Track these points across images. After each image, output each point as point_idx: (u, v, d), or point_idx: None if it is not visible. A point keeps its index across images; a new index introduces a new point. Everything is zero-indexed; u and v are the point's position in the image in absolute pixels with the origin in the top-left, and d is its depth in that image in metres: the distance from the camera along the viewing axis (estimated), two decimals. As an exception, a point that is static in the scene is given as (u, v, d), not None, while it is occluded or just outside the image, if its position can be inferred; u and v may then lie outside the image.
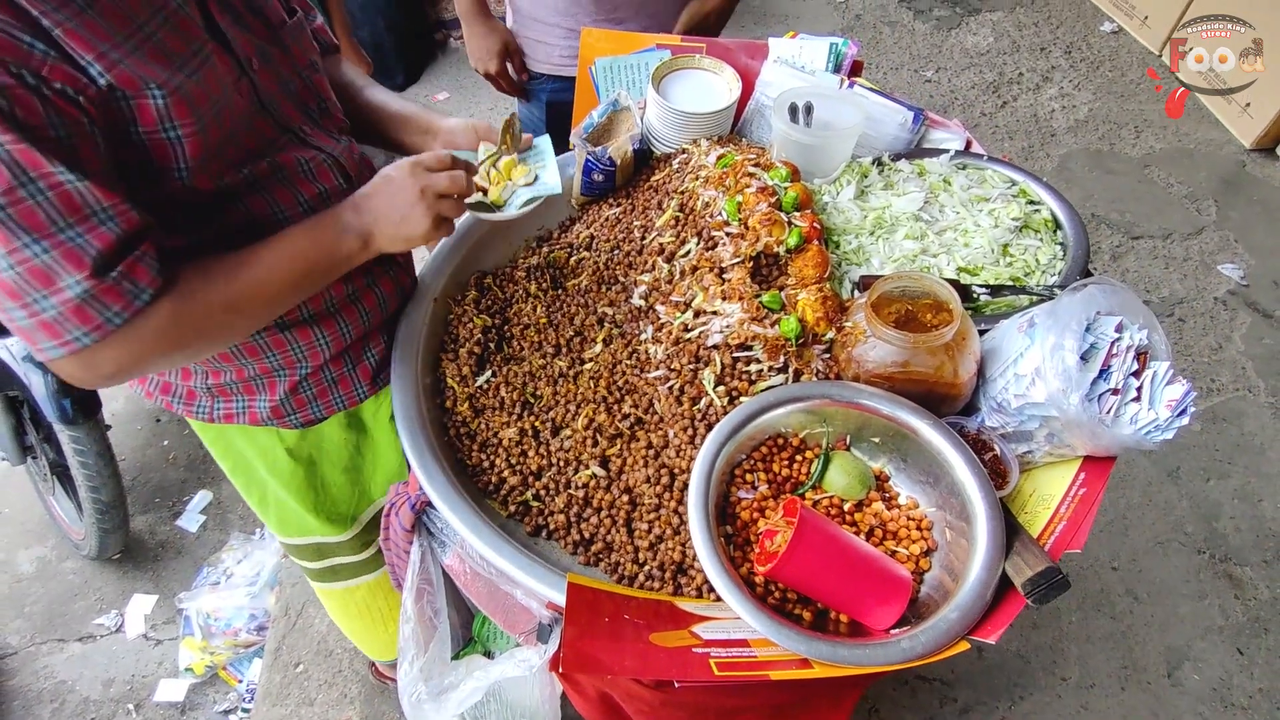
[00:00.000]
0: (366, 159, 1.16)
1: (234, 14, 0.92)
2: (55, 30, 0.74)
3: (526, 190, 1.18)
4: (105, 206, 0.77)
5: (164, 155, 0.84)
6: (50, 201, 0.74)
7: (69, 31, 0.75)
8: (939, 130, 1.39)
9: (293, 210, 1.00)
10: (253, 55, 0.94)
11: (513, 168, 1.20)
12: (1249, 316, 2.78)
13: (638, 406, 1.08)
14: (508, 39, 1.80)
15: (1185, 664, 1.96)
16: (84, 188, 0.76)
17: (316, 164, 1.02)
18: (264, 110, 0.97)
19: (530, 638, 1.01)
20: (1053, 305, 0.95)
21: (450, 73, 4.08)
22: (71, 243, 0.76)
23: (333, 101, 1.11)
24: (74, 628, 2.15)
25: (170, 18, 0.83)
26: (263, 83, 0.96)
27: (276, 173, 0.98)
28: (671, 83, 1.37)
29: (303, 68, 1.03)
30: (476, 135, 1.19)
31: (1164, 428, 0.90)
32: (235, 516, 2.35)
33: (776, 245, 1.11)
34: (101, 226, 0.77)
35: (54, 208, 0.75)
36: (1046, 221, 1.23)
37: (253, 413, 1.15)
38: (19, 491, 2.41)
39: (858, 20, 4.20)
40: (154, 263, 0.82)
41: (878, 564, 0.89)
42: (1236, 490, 2.31)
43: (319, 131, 1.05)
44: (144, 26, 0.80)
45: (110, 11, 0.78)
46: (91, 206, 0.77)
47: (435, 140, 1.19)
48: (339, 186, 1.06)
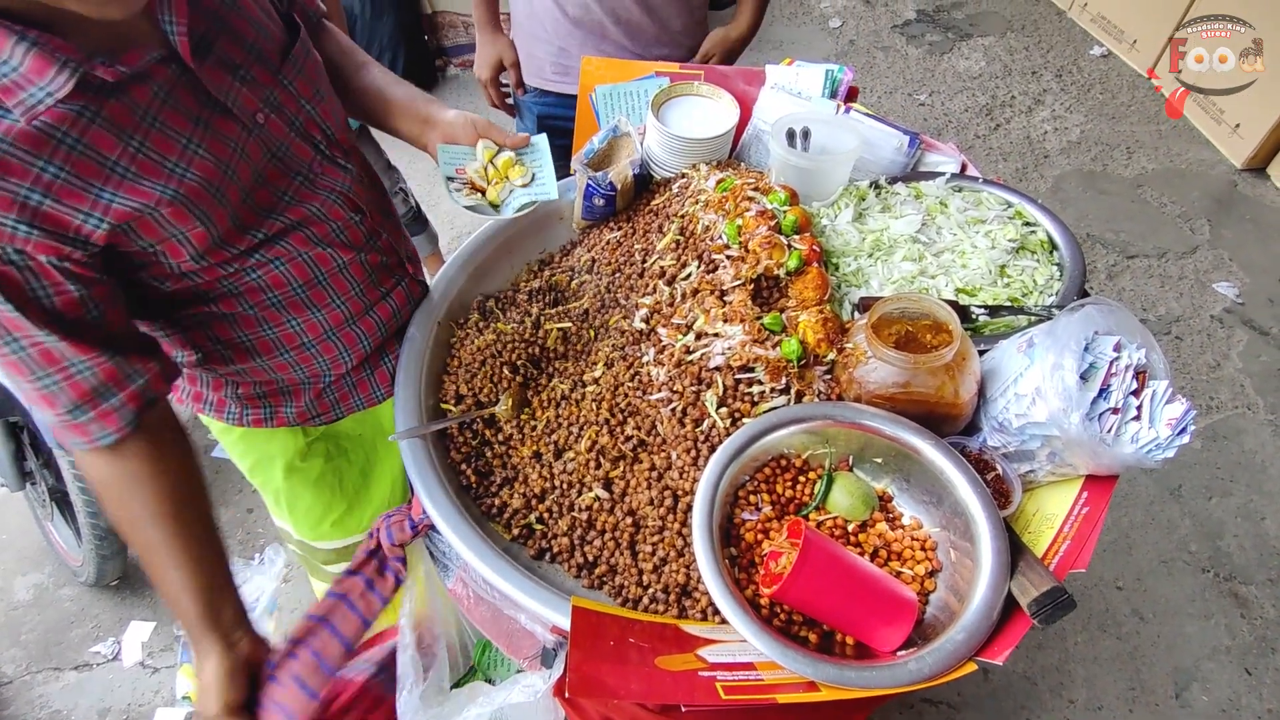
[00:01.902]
0: (375, 176, 1.17)
1: (234, 70, 0.88)
2: (44, 204, 0.75)
3: (524, 192, 1.17)
4: (82, 360, 0.84)
5: (175, 252, 0.89)
6: (31, 357, 0.82)
7: (60, 191, 0.76)
8: (934, 153, 1.41)
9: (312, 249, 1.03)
10: (258, 108, 0.91)
11: (510, 166, 1.19)
12: (1245, 334, 2.79)
13: (640, 429, 1.08)
14: (505, 53, 1.82)
15: (1193, 684, 1.94)
16: (63, 347, 0.82)
17: (327, 206, 1.03)
18: (275, 158, 0.95)
19: (534, 663, 1.01)
20: (1051, 325, 0.96)
21: (451, 98, 4.14)
22: (47, 390, 0.84)
23: (335, 125, 1.06)
24: (70, 656, 2.12)
25: (156, 118, 0.81)
26: (271, 129, 0.93)
27: (290, 225, 0.99)
28: (671, 109, 1.40)
29: (308, 99, 0.99)
30: (475, 131, 1.18)
31: (1165, 446, 0.90)
32: (234, 542, 2.33)
33: (777, 268, 1.12)
34: (77, 376, 0.84)
35: (34, 362, 0.83)
36: (1043, 242, 1.24)
37: (280, 417, 1.20)
38: (17, 518, 2.40)
39: (851, 46, 4.27)
40: (127, 414, 0.89)
41: (883, 585, 0.89)
42: (1239, 508, 2.30)
43: (327, 165, 1.03)
44: (131, 141, 0.79)
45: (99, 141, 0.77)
46: (70, 360, 0.83)
47: (433, 131, 1.18)
48: (349, 220, 1.07)
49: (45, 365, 0.83)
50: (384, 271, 1.17)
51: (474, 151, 1.19)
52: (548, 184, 1.18)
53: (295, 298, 1.05)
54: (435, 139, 1.18)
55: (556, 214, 1.44)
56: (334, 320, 1.11)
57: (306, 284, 1.05)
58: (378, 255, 1.14)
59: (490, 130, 1.19)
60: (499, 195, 1.17)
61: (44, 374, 0.83)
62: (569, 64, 1.73)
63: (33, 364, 0.82)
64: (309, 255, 1.03)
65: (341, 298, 1.10)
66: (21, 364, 0.82)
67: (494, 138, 1.20)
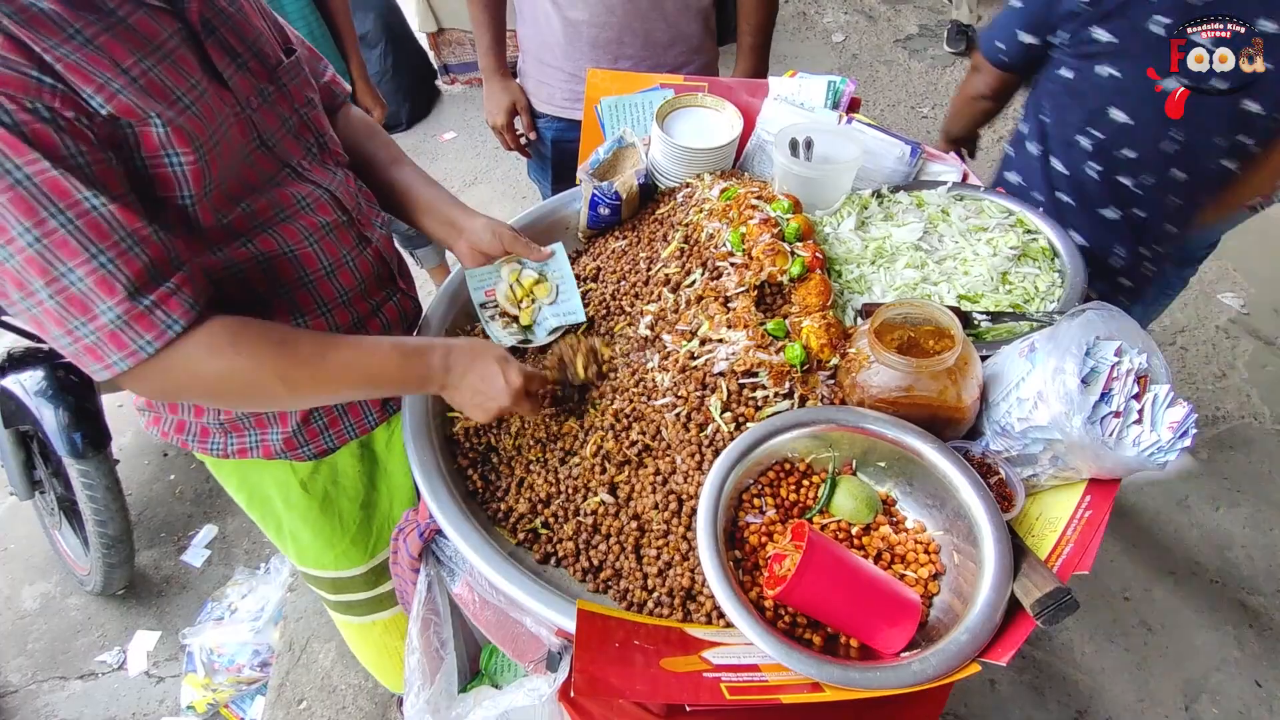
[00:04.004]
0: (366, 191, 1.19)
1: (232, 55, 0.96)
2: (57, 65, 0.78)
3: (552, 312, 1.23)
4: (131, 231, 0.81)
5: (167, 184, 0.87)
6: (80, 229, 0.78)
7: (70, 66, 0.78)
8: (936, 163, 1.43)
9: (299, 245, 1.04)
10: (251, 95, 0.97)
11: (534, 284, 1.25)
12: (1251, 344, 2.79)
13: (645, 434, 1.09)
14: (518, 98, 1.86)
15: (1203, 696, 1.93)
16: (109, 213, 0.79)
17: (314, 199, 1.06)
18: (264, 145, 1.00)
19: (539, 666, 1.01)
20: (1053, 330, 0.97)
21: (457, 113, 4.19)
22: (104, 269, 0.79)
23: (330, 136, 1.13)
24: (76, 665, 2.13)
25: (168, 56, 0.87)
26: (263, 119, 0.99)
27: (277, 210, 1.01)
28: (675, 120, 1.42)
29: (300, 105, 1.06)
30: (500, 242, 1.23)
31: (1166, 449, 0.91)
32: (240, 551, 2.34)
33: (780, 275, 1.13)
34: (130, 253, 0.81)
35: (84, 235, 0.78)
36: (1044, 250, 1.25)
37: (266, 446, 1.17)
38: (25, 527, 2.41)
39: (854, 60, 4.32)
40: (188, 298, 0.85)
41: (887, 587, 0.90)
42: (1247, 518, 2.29)
43: (316, 166, 1.08)
44: (142, 61, 0.84)
45: (111, 46, 0.82)
46: (119, 232, 0.80)
47: (460, 237, 1.22)
48: (338, 219, 1.09)
49: (97, 239, 0.78)
50: (374, 282, 1.17)
51: (499, 271, 1.25)
52: (574, 304, 1.25)
53: (281, 299, 1.05)
54: (462, 246, 1.23)
55: (562, 223, 1.46)
56: (320, 330, 1.09)
57: (292, 285, 1.05)
58: (368, 264, 1.14)
59: (515, 244, 1.24)
60: (532, 318, 1.23)
61: (97, 250, 0.78)
62: (581, 90, 1.76)
63: (84, 239, 0.78)
64: (295, 252, 1.03)
65: (328, 305, 1.10)
66: (72, 240, 0.77)
67: (519, 251, 1.24)
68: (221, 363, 0.87)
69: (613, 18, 1.64)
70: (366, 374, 0.97)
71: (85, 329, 0.81)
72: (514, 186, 3.66)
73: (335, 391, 1.00)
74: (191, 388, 0.91)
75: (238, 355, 0.87)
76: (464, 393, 1.02)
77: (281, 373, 0.91)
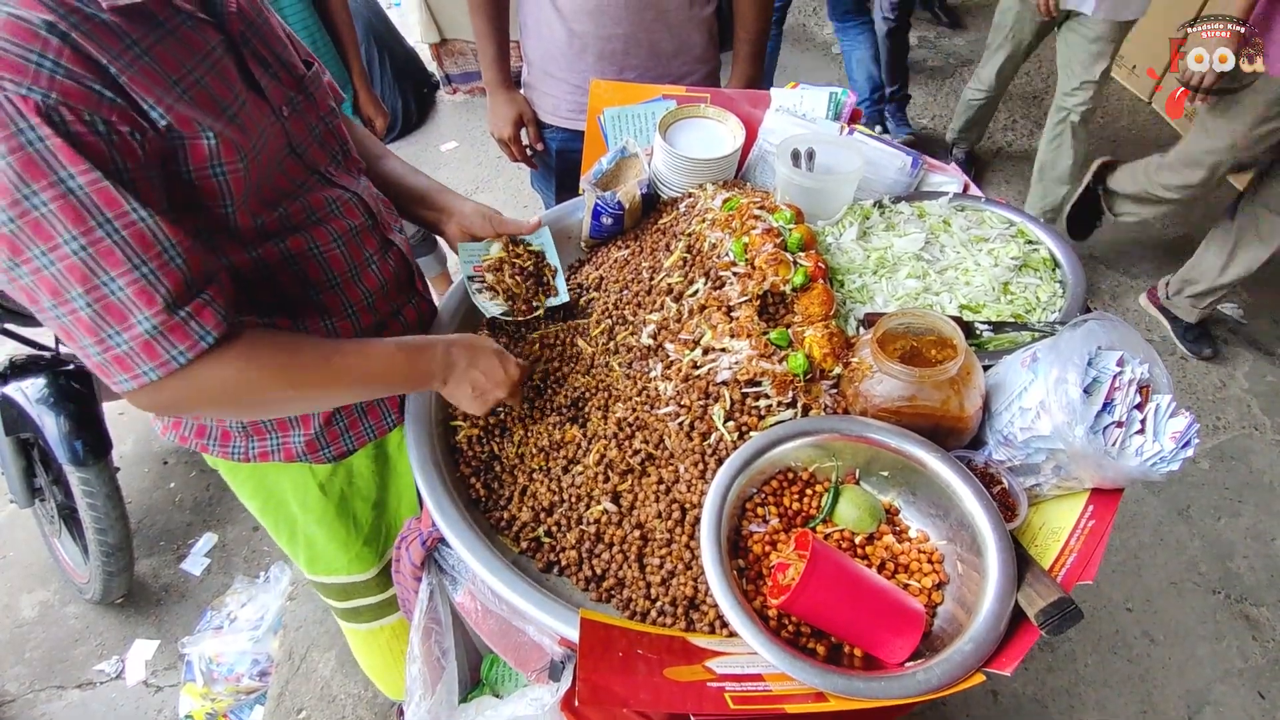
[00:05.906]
0: (385, 199, 1.22)
1: (265, 65, 0.99)
2: (121, 77, 0.79)
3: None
4: (174, 243, 0.82)
5: (211, 193, 0.90)
6: (125, 240, 0.78)
7: (132, 77, 0.80)
8: (937, 174, 1.44)
9: (327, 247, 1.06)
10: (283, 104, 1.00)
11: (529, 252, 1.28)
12: (1251, 354, 2.80)
13: (648, 442, 1.09)
14: (523, 109, 1.87)
15: (1206, 708, 1.92)
16: (154, 225, 0.80)
17: (343, 202, 1.09)
18: (294, 153, 1.03)
19: (542, 676, 1.01)
20: (1055, 340, 0.97)
21: (458, 123, 4.21)
22: (145, 280, 0.80)
23: (350, 144, 1.17)
24: (74, 674, 2.12)
25: (214, 67, 0.90)
26: (293, 128, 1.02)
27: (309, 213, 1.04)
28: (678, 131, 1.43)
29: (325, 113, 1.10)
30: (491, 226, 1.27)
31: (1169, 459, 0.91)
32: (240, 559, 2.34)
33: (783, 284, 1.14)
34: (171, 264, 0.82)
35: (129, 246, 0.79)
36: (1045, 260, 1.26)
37: (287, 449, 1.18)
38: (24, 534, 2.41)
39: (854, 71, 4.33)
40: (221, 310, 0.86)
41: (891, 596, 0.90)
42: (1249, 529, 2.29)
43: (341, 172, 1.12)
44: (192, 72, 0.86)
45: (165, 59, 0.84)
46: (162, 244, 0.81)
47: (450, 220, 1.27)
48: (364, 223, 1.12)
49: (141, 250, 0.79)
50: (395, 286, 1.20)
51: (488, 247, 1.28)
52: (558, 284, 1.30)
53: (311, 301, 1.07)
54: (453, 228, 1.28)
55: (565, 233, 1.46)
56: (346, 331, 1.13)
57: (320, 287, 1.07)
58: (390, 267, 1.17)
59: (504, 225, 1.28)
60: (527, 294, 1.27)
61: (141, 260, 0.79)
62: (585, 101, 1.76)
63: (130, 249, 0.78)
64: (323, 254, 1.06)
65: (355, 307, 1.12)
66: (118, 250, 0.78)
67: (508, 230, 1.28)
68: (236, 373, 0.88)
69: (618, 29, 1.65)
70: (372, 373, 1.00)
71: (119, 338, 0.81)
72: (516, 196, 3.67)
73: (342, 393, 1.02)
74: (202, 400, 0.91)
75: (249, 365, 0.88)
76: (465, 386, 1.06)
77: (292, 379, 0.92)
